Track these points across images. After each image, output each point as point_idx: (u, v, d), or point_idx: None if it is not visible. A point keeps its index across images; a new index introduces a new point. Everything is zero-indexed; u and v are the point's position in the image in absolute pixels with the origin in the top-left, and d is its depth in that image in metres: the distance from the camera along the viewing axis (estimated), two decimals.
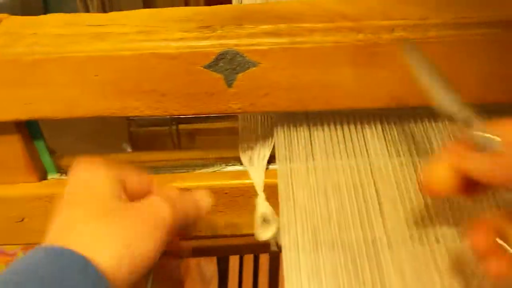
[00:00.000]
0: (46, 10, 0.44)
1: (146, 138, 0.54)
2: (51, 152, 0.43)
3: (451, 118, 0.28)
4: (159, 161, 0.46)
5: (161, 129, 0.55)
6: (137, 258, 0.28)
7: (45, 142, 0.42)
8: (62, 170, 0.44)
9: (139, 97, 0.36)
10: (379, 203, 0.36)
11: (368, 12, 0.35)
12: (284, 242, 0.36)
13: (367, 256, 0.35)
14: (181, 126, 0.55)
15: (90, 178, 0.31)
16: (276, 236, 0.39)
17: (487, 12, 0.34)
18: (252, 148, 0.42)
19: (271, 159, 0.42)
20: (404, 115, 0.40)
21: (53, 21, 0.36)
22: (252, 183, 0.41)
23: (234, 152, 0.44)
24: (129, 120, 0.54)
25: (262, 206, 0.40)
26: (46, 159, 0.43)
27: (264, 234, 0.40)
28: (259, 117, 0.44)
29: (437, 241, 0.35)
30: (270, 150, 0.42)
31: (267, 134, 0.42)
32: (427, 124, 0.40)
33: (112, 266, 0.26)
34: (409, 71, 0.35)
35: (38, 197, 0.42)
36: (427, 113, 0.40)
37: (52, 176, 0.44)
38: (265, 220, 0.40)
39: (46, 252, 0.26)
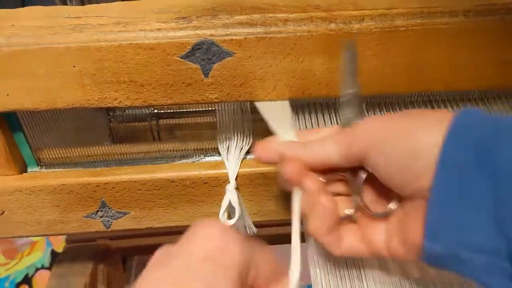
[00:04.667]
0: (23, 5, 0.44)
1: (127, 133, 0.54)
2: (32, 146, 0.43)
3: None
4: (139, 153, 0.46)
5: (141, 125, 0.55)
6: None
7: (25, 135, 0.42)
8: (42, 163, 0.44)
9: (118, 88, 0.37)
10: None
11: (339, 3, 0.36)
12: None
13: None
14: (161, 122, 0.55)
15: (214, 249, 0.25)
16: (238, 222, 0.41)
17: (450, 1, 0.35)
18: (229, 139, 0.43)
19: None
20: (377, 104, 0.41)
21: (31, 13, 0.37)
22: None
23: (213, 143, 0.44)
24: (109, 116, 0.54)
25: (230, 193, 0.41)
26: (26, 151, 0.43)
27: (227, 219, 0.41)
28: (238, 109, 0.45)
29: None
30: (249, 140, 0.43)
31: (244, 126, 0.43)
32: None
33: None
34: (380, 61, 0.37)
35: (18, 190, 0.42)
36: (398, 101, 0.41)
37: (32, 169, 0.44)
38: (230, 206, 0.41)
39: None
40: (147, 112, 0.52)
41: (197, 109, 0.51)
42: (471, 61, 0.37)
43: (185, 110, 0.52)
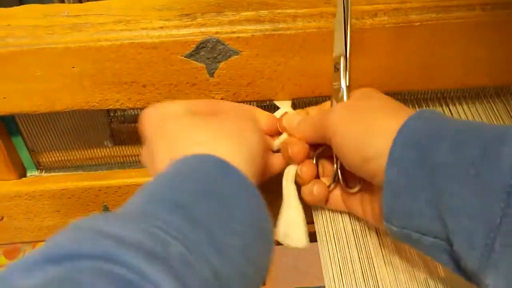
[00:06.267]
0: (21, 3, 0.42)
1: (128, 134, 0.53)
2: (31, 150, 0.42)
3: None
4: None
5: None
6: (250, 148, 0.30)
7: (24, 138, 0.41)
8: (41, 167, 0.43)
9: (119, 89, 0.35)
10: None
11: None
12: None
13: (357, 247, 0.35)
14: None
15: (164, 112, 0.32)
16: None
17: None
18: None
19: None
20: None
21: (27, 12, 0.35)
22: None
23: None
24: (110, 117, 0.52)
25: None
26: (25, 156, 0.41)
27: None
28: None
29: None
30: None
31: None
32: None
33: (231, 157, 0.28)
34: (394, 58, 0.35)
35: (17, 195, 0.41)
36: (411, 97, 0.40)
37: (32, 173, 0.42)
38: None
39: (191, 158, 0.27)
40: None
41: None
42: (487, 56, 0.36)
43: None
